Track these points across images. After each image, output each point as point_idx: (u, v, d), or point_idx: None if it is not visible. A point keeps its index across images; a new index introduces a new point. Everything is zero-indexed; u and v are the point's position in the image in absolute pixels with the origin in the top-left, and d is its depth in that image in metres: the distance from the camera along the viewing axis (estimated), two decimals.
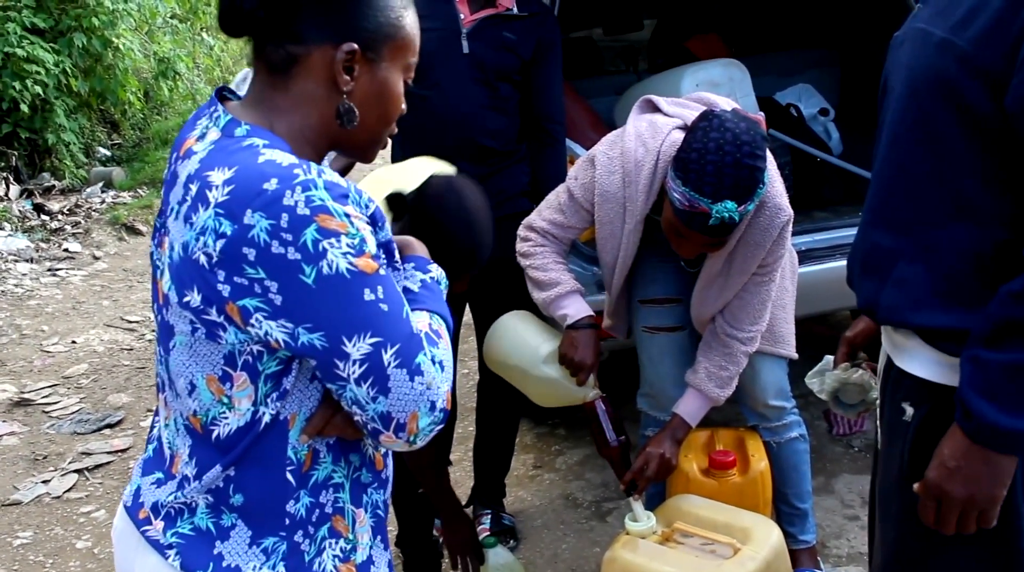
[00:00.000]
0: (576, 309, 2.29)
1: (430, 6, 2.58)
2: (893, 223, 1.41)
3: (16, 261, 6.50)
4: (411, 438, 1.09)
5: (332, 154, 1.32)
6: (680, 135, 2.13)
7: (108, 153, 9.09)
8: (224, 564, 1.13)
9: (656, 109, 2.29)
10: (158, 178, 8.08)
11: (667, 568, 2.01)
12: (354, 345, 1.04)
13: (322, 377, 1.09)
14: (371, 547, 1.23)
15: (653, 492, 2.65)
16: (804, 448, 2.57)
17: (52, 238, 7.05)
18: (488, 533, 2.92)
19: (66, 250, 6.84)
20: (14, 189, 7.51)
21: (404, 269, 1.23)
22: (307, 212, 1.02)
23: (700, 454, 2.55)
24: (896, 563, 1.51)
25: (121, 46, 8.48)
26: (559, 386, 2.28)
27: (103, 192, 8.10)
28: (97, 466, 3.67)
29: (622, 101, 3.70)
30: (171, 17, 10.22)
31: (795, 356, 2.51)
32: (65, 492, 3.48)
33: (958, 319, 1.31)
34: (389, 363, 1.05)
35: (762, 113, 2.11)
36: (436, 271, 1.26)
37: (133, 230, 7.30)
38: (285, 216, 1.01)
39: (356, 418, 1.10)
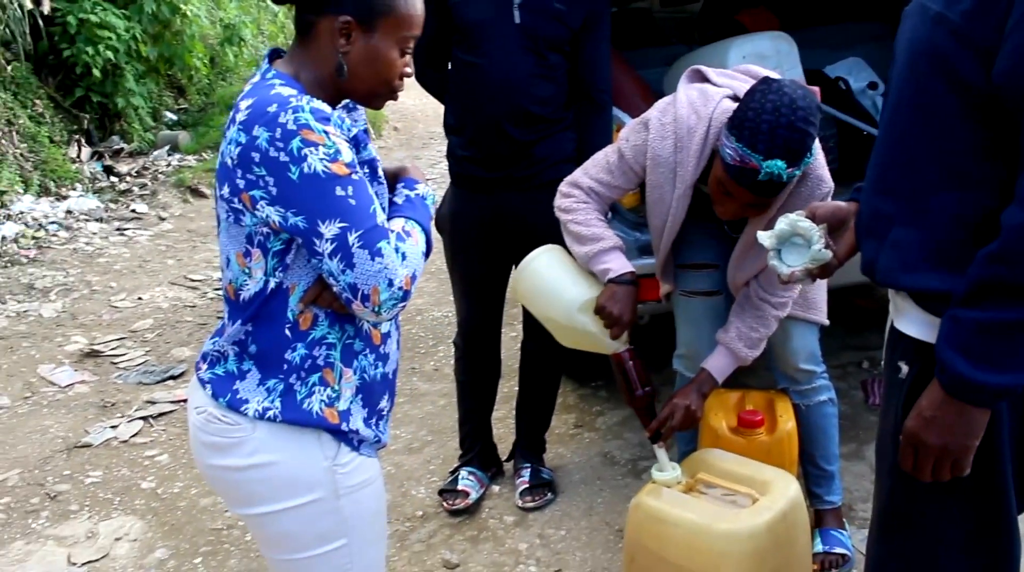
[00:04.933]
0: (619, 264, 2.34)
1: None
2: (890, 189, 1.47)
3: (87, 220, 6.74)
4: (375, 308, 1.39)
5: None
6: (730, 104, 2.21)
7: (175, 117, 9.33)
8: (239, 397, 1.48)
9: (705, 79, 2.36)
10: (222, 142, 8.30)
11: (687, 514, 2.10)
12: (326, 227, 1.36)
13: (308, 254, 1.40)
14: (351, 401, 1.53)
15: (685, 450, 2.74)
16: (832, 412, 2.63)
17: (121, 199, 7.29)
18: (527, 485, 3.04)
19: (133, 211, 7.08)
20: (85, 151, 7.77)
21: (396, 189, 1.58)
22: (294, 128, 1.35)
23: (730, 413, 2.62)
24: (889, 513, 1.60)
25: (189, 12, 8.68)
26: (591, 335, 2.33)
27: (169, 155, 8.33)
28: (161, 414, 3.87)
29: (671, 72, 3.73)
30: None
31: (826, 322, 2.57)
32: (131, 437, 3.68)
33: (946, 282, 1.37)
34: (353, 244, 1.36)
35: (817, 87, 2.18)
36: (422, 188, 1.60)
37: (197, 193, 7.50)
38: (279, 130, 1.35)
39: (334, 289, 1.41)
